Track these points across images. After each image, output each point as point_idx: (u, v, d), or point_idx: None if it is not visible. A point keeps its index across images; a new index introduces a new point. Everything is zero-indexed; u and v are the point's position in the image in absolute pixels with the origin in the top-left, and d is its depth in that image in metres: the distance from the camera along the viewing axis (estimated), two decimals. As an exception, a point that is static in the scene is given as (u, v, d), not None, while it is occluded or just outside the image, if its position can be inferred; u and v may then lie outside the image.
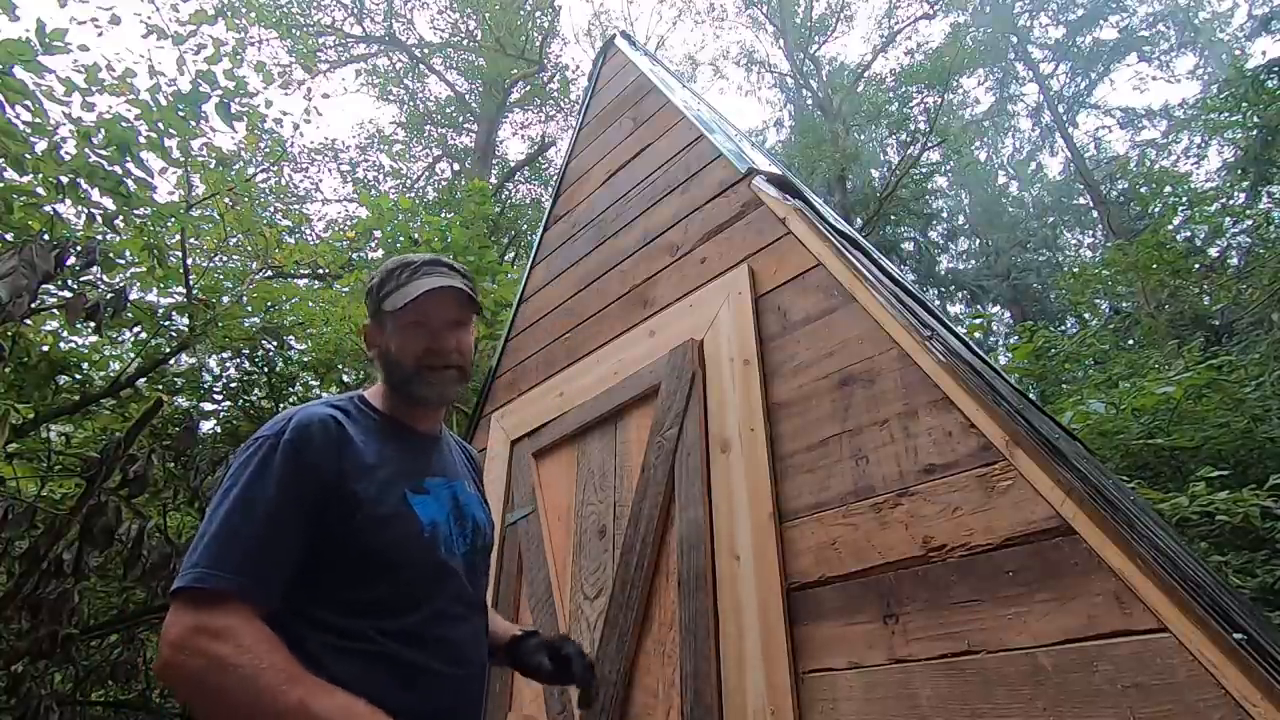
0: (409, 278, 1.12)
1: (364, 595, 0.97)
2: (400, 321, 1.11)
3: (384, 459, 1.06)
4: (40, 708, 2.79)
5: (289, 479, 0.95)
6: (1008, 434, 1.26)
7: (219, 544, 0.89)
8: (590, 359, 2.38)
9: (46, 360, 3.52)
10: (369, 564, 0.98)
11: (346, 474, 1.00)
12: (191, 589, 0.85)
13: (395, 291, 1.12)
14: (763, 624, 1.45)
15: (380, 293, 1.14)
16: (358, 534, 0.98)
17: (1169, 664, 0.97)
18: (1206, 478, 3.69)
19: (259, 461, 0.96)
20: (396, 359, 1.12)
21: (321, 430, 1.01)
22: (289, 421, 1.01)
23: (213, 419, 4.75)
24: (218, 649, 0.81)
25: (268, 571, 0.90)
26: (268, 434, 1.00)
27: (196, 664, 0.81)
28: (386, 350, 1.13)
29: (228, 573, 0.87)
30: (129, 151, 3.37)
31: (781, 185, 2.07)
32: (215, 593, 0.85)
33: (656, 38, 21.96)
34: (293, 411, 1.04)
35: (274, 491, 0.93)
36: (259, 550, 0.90)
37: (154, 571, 3.00)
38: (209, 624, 0.83)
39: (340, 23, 15.35)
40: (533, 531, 2.21)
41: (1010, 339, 16.84)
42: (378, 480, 1.03)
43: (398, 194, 11.99)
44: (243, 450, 1.00)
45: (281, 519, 0.93)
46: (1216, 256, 10.22)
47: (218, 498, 0.95)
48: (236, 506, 0.92)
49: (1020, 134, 24.45)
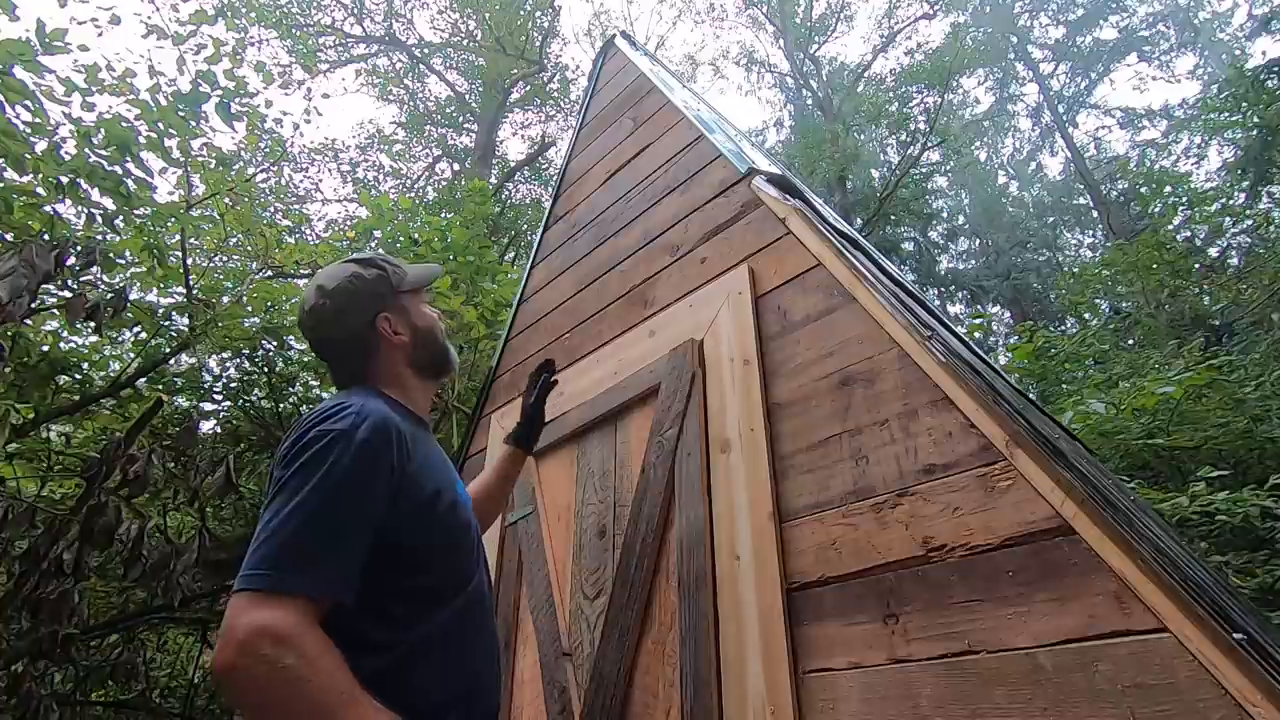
0: (399, 263, 1.21)
1: (424, 581, 0.99)
2: (422, 300, 1.20)
3: (434, 454, 1.11)
4: (40, 708, 2.79)
5: (366, 477, 0.93)
6: (1008, 434, 1.26)
7: (295, 542, 0.85)
8: (590, 359, 2.38)
9: (46, 360, 3.52)
10: (435, 551, 1.02)
11: (420, 473, 1.02)
12: (261, 590, 0.82)
13: (408, 274, 1.19)
14: (763, 624, 1.45)
15: (395, 278, 1.18)
16: (431, 526, 1.01)
17: (1169, 664, 0.97)
18: (1206, 478, 3.69)
19: (335, 458, 0.91)
20: (433, 332, 1.20)
21: (395, 431, 0.99)
22: (359, 416, 0.97)
23: (213, 419, 4.75)
24: (283, 657, 0.78)
25: (343, 571, 0.88)
26: (340, 428, 0.95)
27: (260, 670, 0.77)
28: (417, 329, 1.18)
29: (301, 573, 0.84)
30: (129, 151, 3.37)
31: (781, 185, 2.07)
32: (285, 594, 0.82)
33: (656, 38, 21.98)
34: (357, 404, 1.00)
35: (352, 491, 0.91)
36: (337, 550, 0.88)
37: (154, 571, 3.00)
38: (276, 627, 0.79)
39: (340, 23, 15.36)
40: (532, 531, 2.21)
41: (1010, 339, 16.83)
42: (440, 474, 1.07)
43: (398, 194, 11.99)
44: (306, 442, 0.94)
45: (357, 520, 0.91)
46: (1216, 256, 10.23)
47: (289, 493, 0.89)
48: (318, 506, 0.88)
49: (1020, 134, 24.45)
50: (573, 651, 1.89)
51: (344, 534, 0.89)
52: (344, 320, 1.13)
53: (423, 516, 1.00)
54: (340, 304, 1.13)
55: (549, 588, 2.05)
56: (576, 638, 1.90)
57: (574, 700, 1.78)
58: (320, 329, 1.15)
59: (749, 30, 22.63)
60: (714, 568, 1.61)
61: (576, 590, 1.98)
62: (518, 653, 2.08)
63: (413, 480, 0.99)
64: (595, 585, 1.93)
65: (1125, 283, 9.50)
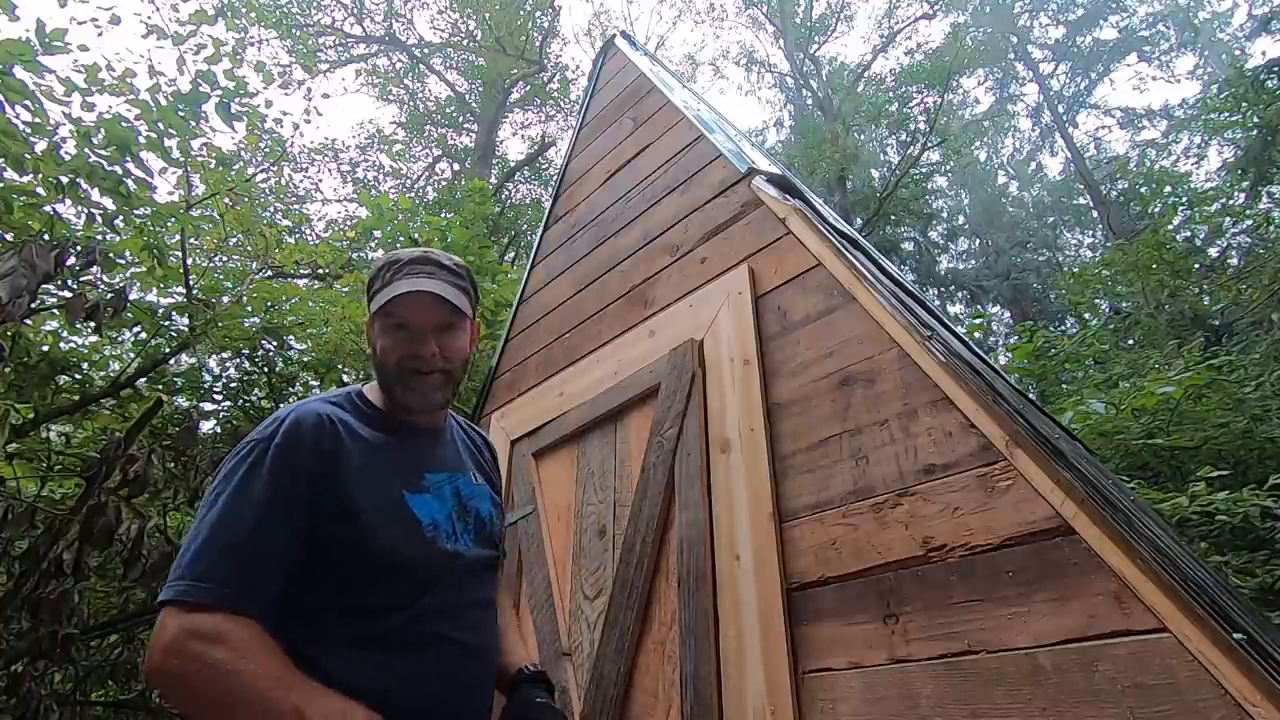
0: (393, 276, 1.08)
1: (367, 596, 0.96)
2: (385, 323, 1.08)
3: (381, 459, 1.05)
4: (40, 708, 2.79)
5: (278, 485, 0.93)
6: (1008, 434, 1.26)
7: (207, 554, 0.87)
8: (590, 359, 2.38)
9: (46, 360, 3.51)
10: (370, 567, 0.97)
11: (341, 478, 0.98)
12: (180, 602, 0.84)
13: (381, 290, 1.08)
14: (763, 624, 1.45)
15: (370, 290, 1.11)
16: (357, 538, 0.96)
17: (1169, 664, 0.97)
18: (1206, 478, 3.69)
19: (249, 466, 0.94)
20: (380, 360, 1.09)
21: (314, 433, 0.98)
22: (280, 424, 0.98)
23: (213, 419, 4.75)
24: (211, 652, 0.80)
25: (256, 581, 0.89)
26: (258, 438, 0.97)
27: (189, 668, 0.80)
28: (374, 350, 1.10)
29: (215, 584, 0.85)
30: (129, 151, 3.37)
31: (781, 185, 2.07)
32: (200, 606, 0.84)
33: (656, 38, 21.98)
34: (286, 411, 1.02)
35: (263, 497, 0.92)
36: (247, 560, 0.89)
37: (154, 571, 3.00)
38: (200, 628, 0.82)
39: (340, 23, 15.35)
40: (533, 531, 2.21)
41: (1010, 339, 16.83)
42: (373, 483, 1.01)
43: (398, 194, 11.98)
44: (233, 454, 0.97)
45: (270, 526, 0.91)
46: (1216, 256, 10.23)
47: (206, 504, 0.93)
48: (225, 514, 0.90)
49: (1020, 134, 24.44)
50: (572, 651, 1.89)
51: (238, 544, 0.89)
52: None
53: (341, 529, 0.96)
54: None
55: (549, 587, 2.05)
56: (576, 637, 1.90)
57: (574, 700, 1.78)
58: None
59: (749, 30, 22.64)
60: (714, 568, 1.61)
61: (576, 590, 1.98)
62: (518, 653, 2.08)
63: (329, 490, 0.97)
64: (595, 585, 1.93)
65: (1125, 283, 9.50)
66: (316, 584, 0.95)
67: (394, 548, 0.99)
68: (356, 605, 0.96)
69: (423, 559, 1.01)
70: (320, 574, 0.95)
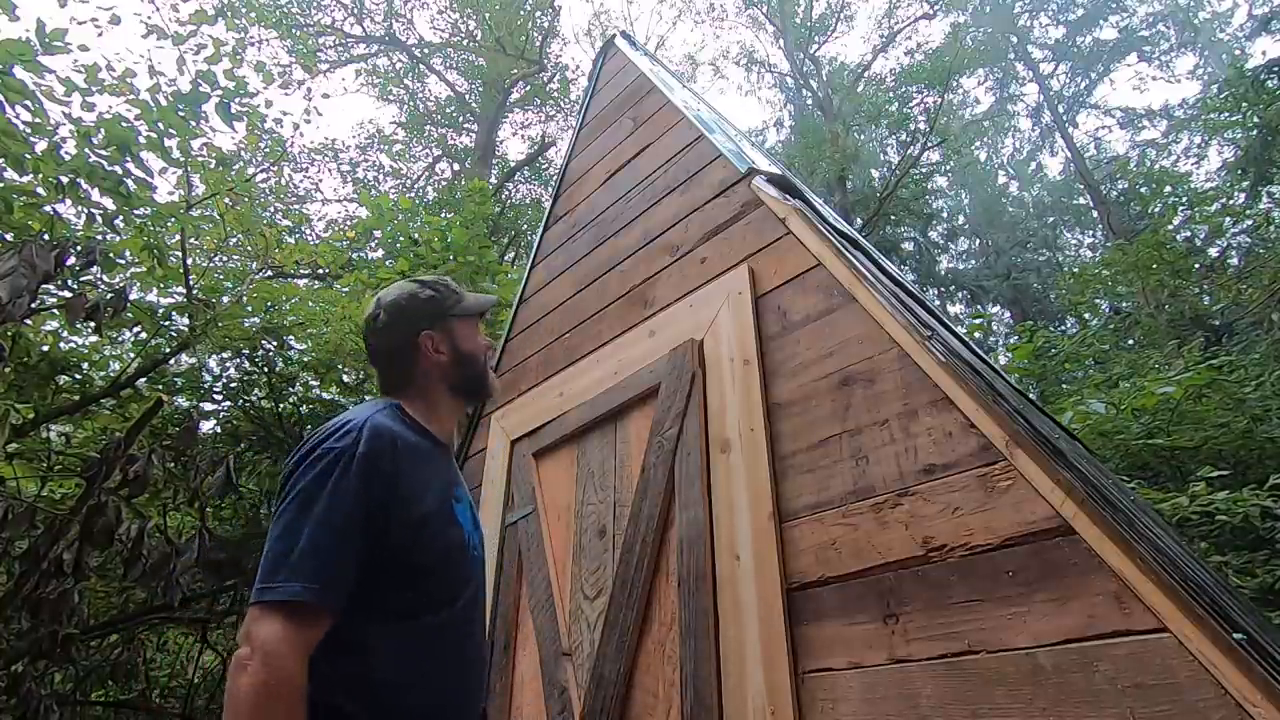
0: (461, 290, 1.31)
1: (412, 594, 1.05)
2: (472, 326, 1.29)
3: (434, 471, 1.14)
4: (40, 708, 2.79)
5: (363, 493, 1.00)
6: (1008, 434, 1.26)
7: (313, 559, 0.93)
8: (590, 359, 2.38)
9: (46, 360, 3.52)
10: (421, 568, 1.06)
11: (414, 489, 1.06)
12: (293, 603, 0.90)
13: (463, 300, 1.29)
14: (763, 624, 1.45)
15: (447, 302, 1.27)
16: (419, 543, 1.05)
17: (1169, 664, 0.97)
18: (1206, 478, 3.69)
19: (339, 472, 1.00)
20: (474, 356, 1.27)
21: (391, 446, 1.06)
22: (358, 433, 1.05)
23: (213, 419, 4.75)
24: (300, 676, 0.87)
25: (345, 580, 0.96)
26: (339, 446, 1.03)
27: (275, 680, 0.85)
28: (459, 351, 1.26)
29: (319, 586, 0.92)
30: (129, 151, 3.37)
31: (781, 185, 2.07)
32: (312, 608, 0.91)
33: (656, 38, 21.97)
34: (360, 420, 1.08)
35: (350, 504, 0.98)
36: (339, 564, 0.96)
37: (154, 571, 3.00)
38: (306, 642, 0.89)
39: (340, 23, 15.34)
40: (532, 531, 2.21)
41: (1010, 339, 16.83)
42: (434, 493, 1.11)
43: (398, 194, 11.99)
44: (313, 461, 1.02)
45: (355, 533, 0.98)
46: (1216, 256, 10.22)
47: (296, 508, 0.97)
48: (322, 519, 0.96)
49: (1020, 134, 24.41)
50: (573, 651, 1.89)
51: (336, 548, 0.96)
52: (391, 332, 1.24)
53: (409, 536, 1.04)
54: (391, 317, 1.24)
55: (549, 588, 2.05)
56: (576, 637, 1.90)
57: (574, 700, 1.78)
58: (371, 337, 1.27)
59: (749, 30, 22.63)
60: (714, 567, 1.61)
61: (576, 590, 1.98)
62: (518, 653, 2.08)
63: (403, 500, 1.05)
64: (595, 585, 1.93)
65: (1125, 283, 9.50)
66: (373, 584, 1.01)
67: (448, 551, 1.10)
68: (404, 603, 1.04)
69: (460, 563, 1.13)
70: (376, 574, 1.01)
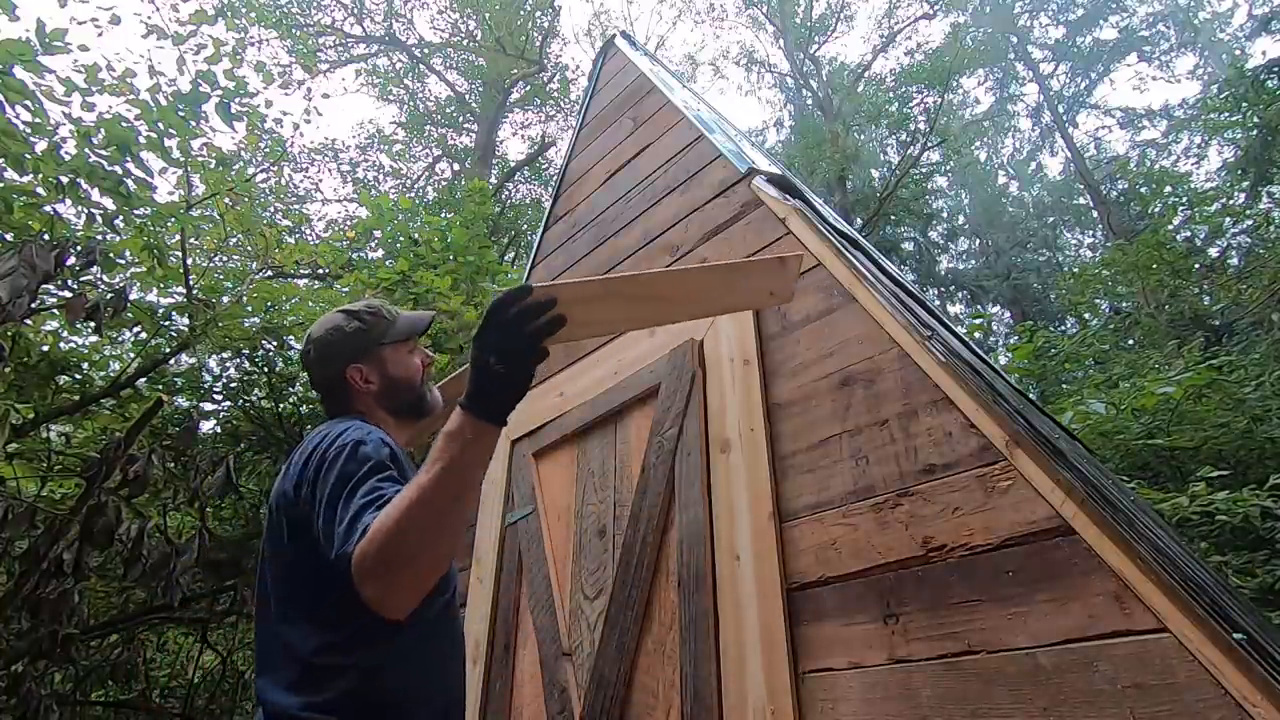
0: (393, 314, 1.35)
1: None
2: (404, 350, 1.33)
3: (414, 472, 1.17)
4: (40, 708, 2.79)
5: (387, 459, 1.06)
6: (1008, 434, 1.26)
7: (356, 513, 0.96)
8: (590, 359, 2.38)
9: (46, 360, 3.52)
10: None
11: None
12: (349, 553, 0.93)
13: (394, 325, 1.32)
14: (763, 624, 1.45)
15: (374, 331, 1.30)
16: None
17: (1169, 664, 0.97)
18: (1206, 478, 3.68)
19: (363, 447, 1.06)
20: (406, 381, 1.31)
21: (392, 443, 1.14)
22: (367, 432, 1.11)
23: (213, 419, 4.75)
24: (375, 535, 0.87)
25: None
26: (354, 438, 1.08)
27: (372, 548, 0.86)
28: (393, 378, 1.30)
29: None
30: (129, 151, 3.37)
31: (781, 185, 2.07)
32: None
33: (656, 38, 21.98)
34: (357, 422, 1.17)
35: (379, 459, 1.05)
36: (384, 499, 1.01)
37: (154, 571, 3.00)
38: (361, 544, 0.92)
39: (340, 23, 15.35)
40: (532, 531, 2.21)
41: (1010, 339, 16.83)
42: None
43: (398, 194, 11.98)
44: (338, 450, 1.06)
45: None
46: (1216, 256, 10.22)
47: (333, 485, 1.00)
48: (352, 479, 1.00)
49: (1020, 134, 24.41)
50: (573, 651, 1.89)
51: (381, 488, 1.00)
52: (321, 367, 1.31)
53: None
54: (320, 353, 1.30)
55: (549, 588, 2.04)
56: (576, 638, 1.90)
57: (574, 700, 1.78)
58: (307, 370, 1.36)
59: (749, 30, 22.64)
60: (714, 568, 1.61)
61: (576, 590, 1.98)
62: (518, 653, 2.08)
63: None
64: (595, 585, 1.93)
65: (1125, 283, 9.50)
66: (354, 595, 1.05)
67: None
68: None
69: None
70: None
